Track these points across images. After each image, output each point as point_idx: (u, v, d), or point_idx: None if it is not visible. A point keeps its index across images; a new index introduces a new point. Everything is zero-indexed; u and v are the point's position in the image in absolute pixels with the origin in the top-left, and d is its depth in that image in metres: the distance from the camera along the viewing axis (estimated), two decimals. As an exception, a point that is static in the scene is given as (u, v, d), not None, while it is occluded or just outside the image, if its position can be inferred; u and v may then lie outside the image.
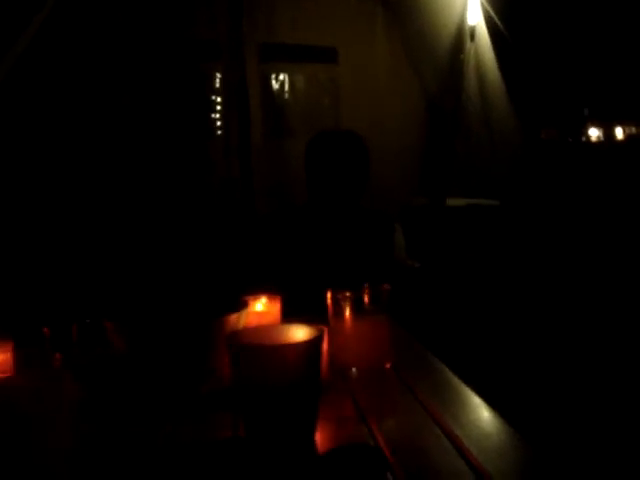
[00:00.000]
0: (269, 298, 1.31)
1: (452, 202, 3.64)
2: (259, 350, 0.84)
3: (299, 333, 0.90)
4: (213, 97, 3.64)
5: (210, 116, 3.65)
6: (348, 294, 1.20)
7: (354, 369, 1.20)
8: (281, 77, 3.78)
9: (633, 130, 5.74)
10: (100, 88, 3.22)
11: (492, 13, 3.51)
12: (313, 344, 0.86)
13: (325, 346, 0.99)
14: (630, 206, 3.68)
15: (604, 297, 3.03)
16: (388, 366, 1.21)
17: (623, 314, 2.82)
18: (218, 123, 3.63)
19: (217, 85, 3.63)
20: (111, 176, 3.21)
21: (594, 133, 5.66)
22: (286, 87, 3.79)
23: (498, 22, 3.53)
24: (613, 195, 3.87)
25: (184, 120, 3.50)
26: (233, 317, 1.07)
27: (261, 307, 1.30)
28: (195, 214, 3.37)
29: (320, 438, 0.89)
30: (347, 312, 1.19)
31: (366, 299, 1.21)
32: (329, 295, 1.22)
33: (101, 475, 0.84)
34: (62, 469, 0.85)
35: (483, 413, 1.00)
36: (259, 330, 0.95)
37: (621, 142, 5.61)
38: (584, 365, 2.49)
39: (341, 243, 2.07)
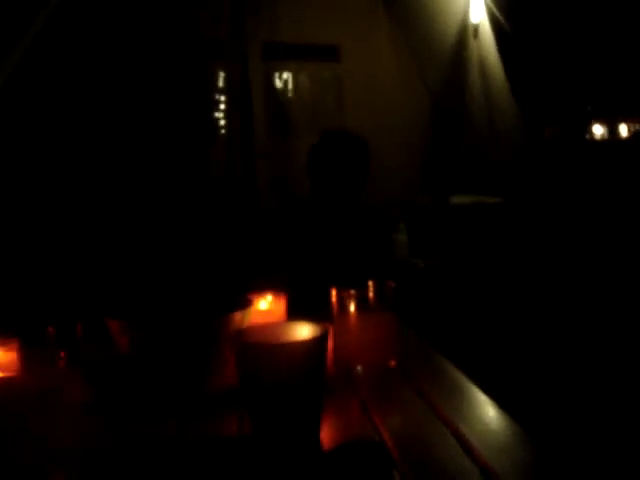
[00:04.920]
0: (274, 296, 1.32)
1: (456, 200, 3.64)
2: (264, 348, 0.84)
3: (304, 331, 0.90)
4: (216, 96, 3.64)
5: (213, 115, 3.65)
6: (353, 292, 1.20)
7: (359, 366, 1.20)
8: (284, 76, 3.78)
9: (637, 127, 5.72)
10: (103, 88, 3.23)
11: (495, 11, 3.51)
12: (318, 342, 0.86)
13: (330, 344, 0.99)
14: (634, 203, 3.67)
15: (610, 294, 3.02)
16: (393, 363, 1.21)
17: (629, 311, 2.81)
18: (222, 122, 3.64)
19: (220, 84, 3.63)
20: (115, 175, 3.22)
21: (598, 130, 5.63)
22: (289, 85, 3.79)
23: (501, 20, 3.53)
24: (617, 192, 3.86)
25: (187, 119, 3.50)
26: (238, 315, 1.07)
27: (266, 305, 1.30)
28: (198, 212, 3.37)
29: (325, 435, 0.89)
30: (352, 310, 1.19)
31: (371, 297, 1.21)
32: (334, 293, 1.22)
33: (107, 473, 0.84)
34: (67, 467, 0.85)
35: (489, 410, 1.00)
36: (264, 328, 0.95)
37: (625, 139, 5.58)
38: (591, 363, 2.48)
39: (342, 239, 2.09)
